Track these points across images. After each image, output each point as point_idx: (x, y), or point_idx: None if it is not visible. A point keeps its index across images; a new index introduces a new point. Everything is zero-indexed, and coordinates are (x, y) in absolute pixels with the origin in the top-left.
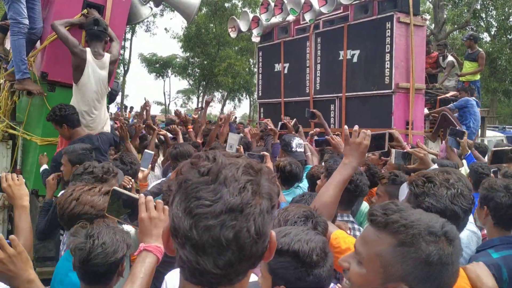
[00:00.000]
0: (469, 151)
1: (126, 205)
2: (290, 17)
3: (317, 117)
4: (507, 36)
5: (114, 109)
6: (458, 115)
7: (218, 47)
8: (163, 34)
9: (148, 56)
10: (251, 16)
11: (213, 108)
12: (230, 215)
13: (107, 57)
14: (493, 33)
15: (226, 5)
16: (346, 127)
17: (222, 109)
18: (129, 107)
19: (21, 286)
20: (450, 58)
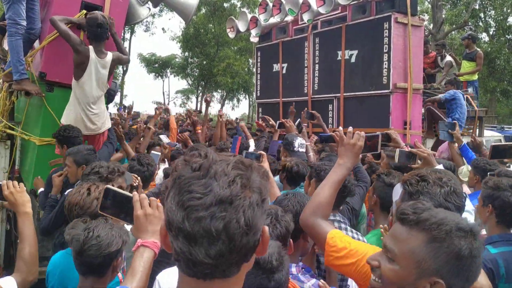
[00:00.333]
0: (463, 141)
1: (120, 203)
2: (288, 17)
3: (316, 118)
4: (506, 36)
5: (113, 110)
6: (446, 108)
7: (217, 47)
8: (162, 34)
9: (147, 56)
10: (249, 16)
11: (212, 108)
12: (219, 206)
13: (109, 56)
14: (491, 33)
15: (225, 5)
16: (340, 128)
17: (221, 109)
18: (127, 106)
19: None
20: (448, 58)
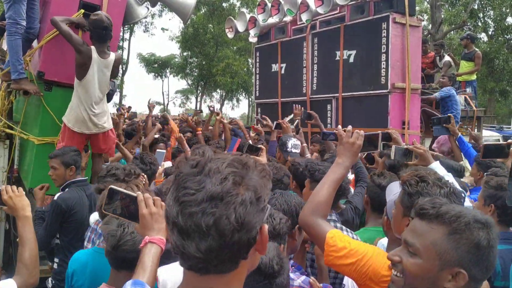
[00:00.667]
0: (459, 133)
1: (124, 203)
2: (287, 17)
3: (313, 118)
4: (505, 36)
5: (112, 110)
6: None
7: (216, 47)
8: (161, 34)
9: (146, 56)
10: (248, 16)
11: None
12: (210, 203)
13: (112, 56)
14: (490, 33)
15: (224, 5)
16: (339, 127)
17: (220, 109)
18: (127, 106)
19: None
20: (447, 58)
